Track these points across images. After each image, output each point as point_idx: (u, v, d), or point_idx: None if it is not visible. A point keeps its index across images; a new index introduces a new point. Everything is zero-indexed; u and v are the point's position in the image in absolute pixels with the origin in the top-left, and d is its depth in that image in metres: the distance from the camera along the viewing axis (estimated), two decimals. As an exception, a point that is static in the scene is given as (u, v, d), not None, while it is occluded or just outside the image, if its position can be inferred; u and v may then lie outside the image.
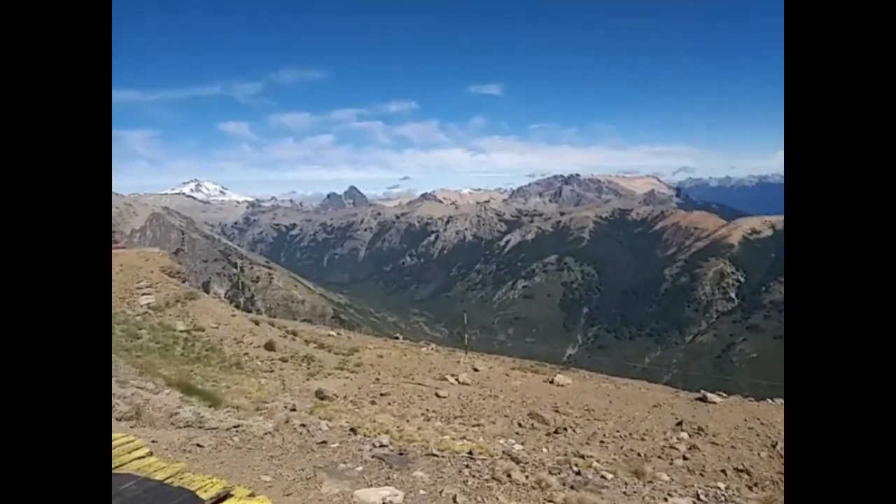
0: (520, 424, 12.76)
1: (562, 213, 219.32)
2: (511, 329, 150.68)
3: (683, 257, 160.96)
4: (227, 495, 2.43)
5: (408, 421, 9.60)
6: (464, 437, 8.98)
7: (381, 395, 14.89)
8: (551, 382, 18.39)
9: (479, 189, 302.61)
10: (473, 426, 10.43)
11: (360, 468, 4.87)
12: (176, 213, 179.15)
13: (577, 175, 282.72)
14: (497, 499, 4.80)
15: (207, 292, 47.56)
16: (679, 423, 11.55)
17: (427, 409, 13.28)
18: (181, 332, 16.11)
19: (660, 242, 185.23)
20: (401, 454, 6.11)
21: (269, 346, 18.81)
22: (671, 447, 9.90)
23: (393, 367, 19.32)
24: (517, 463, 6.78)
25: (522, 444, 9.46)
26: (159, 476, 2.57)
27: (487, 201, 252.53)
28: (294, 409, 8.31)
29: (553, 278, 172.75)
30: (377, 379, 17.09)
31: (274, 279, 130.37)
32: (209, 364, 13.91)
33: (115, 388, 5.99)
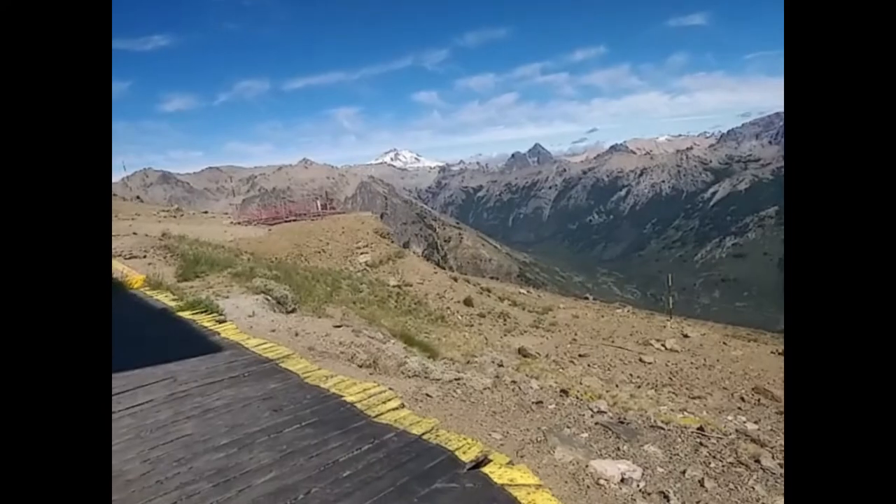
0: (742, 399, 11.20)
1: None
2: (716, 292, 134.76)
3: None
4: (485, 460, 2.34)
5: (617, 386, 9.06)
6: (683, 410, 8.12)
7: (580, 356, 14.50)
8: (781, 354, 15.83)
9: (680, 135, 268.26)
10: (693, 398, 9.40)
11: (585, 434, 4.60)
12: (379, 181, 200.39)
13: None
14: (754, 489, 4.08)
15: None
16: None
17: (631, 375, 12.49)
18: (393, 287, 17.89)
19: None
20: (622, 423, 5.69)
21: (468, 302, 19.83)
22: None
23: (590, 328, 18.69)
24: (762, 446, 5.82)
25: (756, 423, 8.18)
26: (415, 431, 2.60)
27: (690, 148, 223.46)
28: (501, 365, 8.45)
29: (771, 234, 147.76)
30: (574, 339, 16.71)
31: (464, 239, 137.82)
32: (418, 317, 15.18)
33: (352, 337, 6.70)
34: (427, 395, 5.03)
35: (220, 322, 5.58)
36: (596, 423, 5.16)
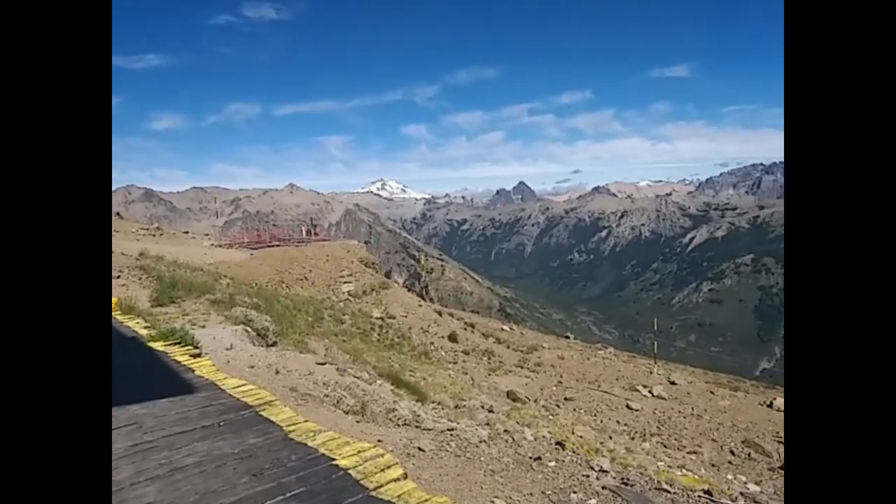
0: (732, 453, 10.89)
1: (761, 207, 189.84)
2: (693, 335, 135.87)
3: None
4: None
5: (611, 437, 8.66)
6: (682, 466, 7.75)
7: (566, 399, 14.11)
8: (769, 406, 15.61)
9: (660, 181, 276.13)
10: (688, 452, 9.04)
11: (593, 501, 4.21)
12: (365, 210, 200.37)
13: (782, 163, 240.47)
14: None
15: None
16: None
17: (619, 422, 12.11)
18: (376, 318, 17.37)
19: None
20: (627, 484, 5.30)
21: (452, 338, 19.34)
22: None
23: (575, 370, 18.33)
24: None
25: (757, 483, 7.83)
26: (424, 512, 2.20)
27: (669, 194, 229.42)
28: (492, 411, 8.02)
29: (747, 281, 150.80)
30: (560, 382, 16.31)
31: (446, 271, 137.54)
32: (402, 352, 14.66)
33: (337, 377, 6.24)
34: (420, 448, 4.60)
35: (195, 356, 5.09)
36: (603, 487, 4.77)
